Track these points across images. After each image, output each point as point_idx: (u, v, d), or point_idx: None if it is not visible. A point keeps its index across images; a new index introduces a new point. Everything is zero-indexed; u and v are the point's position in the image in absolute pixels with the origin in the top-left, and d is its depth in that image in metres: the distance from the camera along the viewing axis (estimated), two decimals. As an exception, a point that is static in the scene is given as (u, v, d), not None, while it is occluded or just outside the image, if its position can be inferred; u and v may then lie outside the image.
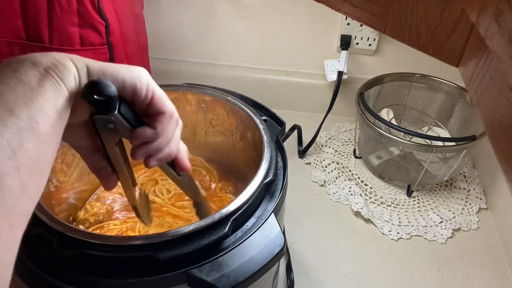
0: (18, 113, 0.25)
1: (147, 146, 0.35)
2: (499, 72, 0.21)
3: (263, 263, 0.40)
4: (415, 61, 0.87)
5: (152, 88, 0.34)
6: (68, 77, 0.29)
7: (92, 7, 0.62)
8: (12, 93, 0.26)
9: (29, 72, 0.27)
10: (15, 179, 0.24)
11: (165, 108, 0.34)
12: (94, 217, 0.56)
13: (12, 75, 0.27)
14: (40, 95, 0.27)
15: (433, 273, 0.66)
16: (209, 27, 0.93)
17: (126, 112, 0.33)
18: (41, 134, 0.26)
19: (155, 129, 0.34)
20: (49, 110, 0.27)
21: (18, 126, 0.25)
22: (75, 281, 0.40)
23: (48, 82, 0.28)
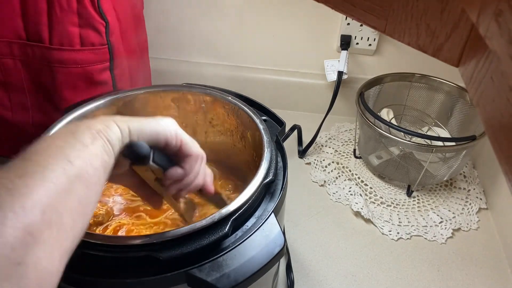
0: (75, 163, 0.31)
1: (178, 183, 0.43)
2: (499, 72, 0.21)
3: (263, 263, 0.40)
4: (415, 61, 0.87)
5: (180, 137, 0.41)
6: (113, 138, 0.36)
7: (92, 7, 0.62)
8: (71, 148, 0.32)
9: (85, 133, 0.34)
10: (68, 218, 0.29)
11: (192, 151, 0.42)
12: (94, 218, 0.56)
13: (71, 135, 0.33)
14: (92, 151, 0.33)
15: (433, 273, 0.66)
16: (209, 27, 0.93)
17: (159, 159, 0.40)
18: (89, 182, 0.32)
19: (184, 169, 0.42)
20: (98, 164, 0.33)
21: (74, 173, 0.30)
22: (75, 281, 0.40)
23: (99, 142, 0.34)
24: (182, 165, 0.42)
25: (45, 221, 0.27)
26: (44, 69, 0.66)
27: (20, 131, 0.71)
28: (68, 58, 0.64)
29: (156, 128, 0.39)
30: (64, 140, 0.32)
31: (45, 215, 0.27)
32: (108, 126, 0.36)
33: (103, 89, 0.68)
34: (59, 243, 0.28)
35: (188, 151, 0.41)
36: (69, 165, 0.30)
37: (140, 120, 0.39)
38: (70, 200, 0.29)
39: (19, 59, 0.65)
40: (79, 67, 0.65)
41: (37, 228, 0.26)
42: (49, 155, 0.30)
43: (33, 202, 0.27)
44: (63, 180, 0.29)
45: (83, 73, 0.66)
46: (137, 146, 0.38)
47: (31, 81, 0.68)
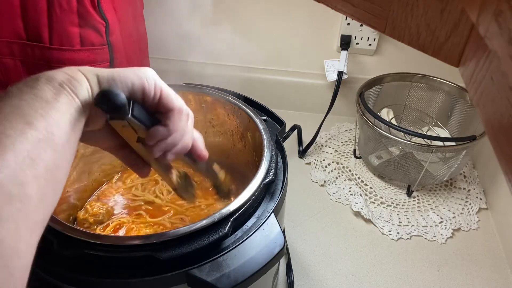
0: (36, 125, 0.27)
1: (162, 143, 0.37)
2: (499, 72, 0.21)
3: (263, 263, 0.40)
4: (415, 61, 0.87)
5: (159, 87, 0.35)
6: (80, 89, 0.31)
7: (92, 7, 0.62)
8: (29, 107, 0.27)
9: (45, 87, 0.29)
10: (34, 188, 0.26)
11: (174, 105, 0.36)
12: (94, 217, 0.56)
13: (29, 91, 0.29)
14: (55, 108, 0.29)
15: (433, 273, 0.66)
16: (209, 27, 0.92)
17: (139, 114, 0.35)
18: (56, 145, 0.28)
19: (167, 126, 0.36)
20: (64, 122, 0.29)
21: (37, 137, 0.27)
22: (75, 281, 0.40)
23: (63, 95, 0.30)
24: (165, 121, 0.36)
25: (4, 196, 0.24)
26: (44, 69, 0.65)
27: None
28: (68, 58, 0.64)
29: (131, 77, 0.33)
30: (21, 97, 0.28)
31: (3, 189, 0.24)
32: (73, 76, 0.31)
33: (103, 89, 0.68)
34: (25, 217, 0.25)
35: (169, 104, 0.36)
36: (29, 128, 0.26)
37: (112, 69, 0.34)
38: (34, 168, 0.26)
39: (19, 59, 0.65)
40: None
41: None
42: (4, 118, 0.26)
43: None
44: (23, 146, 0.26)
45: (83, 73, 0.66)
46: (112, 94, 0.32)
47: (31, 81, 0.68)
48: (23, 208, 0.25)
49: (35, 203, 0.26)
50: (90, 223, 0.56)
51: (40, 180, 0.26)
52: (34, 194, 0.26)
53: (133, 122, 0.34)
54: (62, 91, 0.30)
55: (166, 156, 0.38)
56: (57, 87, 0.30)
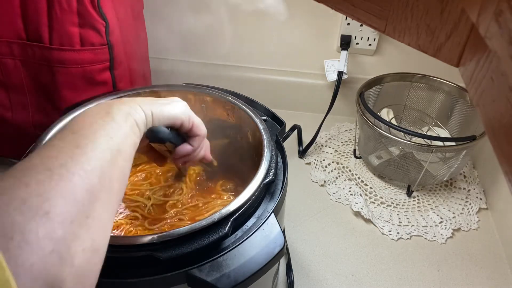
0: (115, 139, 0.36)
1: (186, 157, 0.50)
2: (499, 72, 0.21)
3: (263, 263, 0.40)
4: (415, 61, 0.87)
5: (192, 120, 0.47)
6: (140, 121, 0.40)
7: (92, 7, 0.62)
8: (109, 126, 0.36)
9: (118, 114, 0.38)
10: (116, 185, 0.34)
11: (201, 132, 0.49)
12: None
13: (107, 115, 0.38)
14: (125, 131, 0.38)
15: (433, 273, 0.66)
16: (209, 27, 0.92)
17: (174, 138, 0.47)
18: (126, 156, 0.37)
19: (193, 146, 0.49)
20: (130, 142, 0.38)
21: (116, 148, 0.35)
22: (75, 281, 0.40)
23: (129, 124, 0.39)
24: (191, 142, 0.49)
25: (101, 184, 0.32)
26: (44, 69, 0.66)
27: (20, 131, 0.71)
28: (68, 58, 0.64)
29: (174, 113, 0.45)
30: (102, 118, 0.37)
31: (101, 179, 0.32)
32: (135, 109, 0.40)
33: (103, 89, 0.68)
34: (111, 204, 0.33)
35: (198, 131, 0.48)
36: (111, 141, 0.35)
37: (159, 105, 0.44)
38: (115, 169, 0.34)
39: (19, 59, 0.65)
40: (79, 67, 0.65)
41: (97, 189, 0.31)
42: (94, 131, 0.35)
43: (91, 167, 0.32)
44: (108, 152, 0.34)
45: (83, 73, 0.66)
46: (160, 132, 0.44)
47: (31, 81, 0.68)
48: (110, 197, 0.33)
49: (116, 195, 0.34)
50: None
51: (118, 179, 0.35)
52: (116, 189, 0.34)
53: (168, 144, 0.47)
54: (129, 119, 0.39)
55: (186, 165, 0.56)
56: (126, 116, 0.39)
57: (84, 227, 0.30)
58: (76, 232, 0.29)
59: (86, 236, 0.29)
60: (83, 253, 0.29)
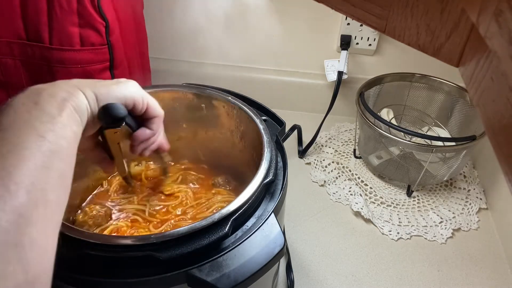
0: (48, 138, 0.30)
1: (145, 143, 0.44)
2: (499, 72, 0.21)
3: (263, 263, 0.40)
4: (415, 61, 0.87)
5: (146, 99, 0.42)
6: (81, 107, 0.35)
7: (92, 7, 0.62)
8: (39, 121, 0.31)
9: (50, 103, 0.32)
10: (53, 194, 0.29)
11: (157, 113, 0.44)
12: (93, 220, 0.56)
13: (34, 106, 0.32)
14: (61, 122, 0.32)
15: (433, 273, 0.66)
16: (209, 27, 0.93)
17: (130, 121, 0.41)
18: (65, 155, 0.31)
19: (151, 130, 0.44)
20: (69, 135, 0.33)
21: (49, 149, 0.30)
22: (75, 281, 0.40)
23: (66, 111, 0.33)
24: (149, 125, 0.44)
25: (31, 200, 0.27)
26: (44, 69, 0.66)
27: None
28: (68, 58, 0.64)
29: (124, 92, 0.39)
30: (29, 111, 0.31)
31: (30, 195, 0.27)
32: (73, 94, 0.34)
33: (103, 89, 0.68)
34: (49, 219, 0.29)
35: (154, 112, 0.43)
36: (42, 140, 0.29)
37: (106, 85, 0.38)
38: (50, 176, 0.29)
39: (19, 59, 0.65)
40: (79, 67, 0.65)
41: (26, 208, 0.26)
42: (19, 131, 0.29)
43: (16, 184, 0.26)
44: (40, 156, 0.29)
45: (83, 73, 0.66)
46: (116, 108, 0.38)
47: (31, 81, 0.68)
48: (46, 212, 0.28)
49: (54, 206, 0.29)
50: (89, 225, 0.56)
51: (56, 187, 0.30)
52: (53, 199, 0.29)
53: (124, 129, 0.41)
54: (65, 107, 0.33)
55: (144, 153, 0.46)
56: (60, 103, 0.33)
57: (12, 260, 0.25)
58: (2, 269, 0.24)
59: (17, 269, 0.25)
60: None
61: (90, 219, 0.56)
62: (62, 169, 0.31)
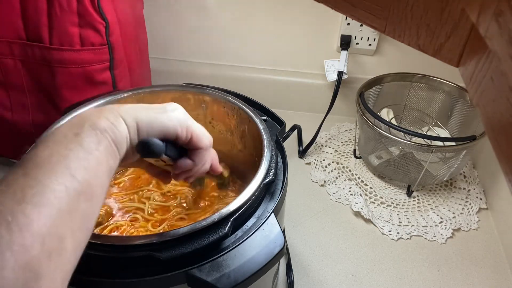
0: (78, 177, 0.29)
1: (187, 172, 0.43)
2: (499, 72, 0.21)
3: (263, 263, 0.40)
4: (415, 61, 0.87)
5: (191, 130, 0.39)
6: (120, 139, 0.34)
7: (92, 7, 0.62)
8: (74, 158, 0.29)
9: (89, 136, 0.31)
10: (71, 242, 0.28)
11: (202, 145, 0.41)
12: None
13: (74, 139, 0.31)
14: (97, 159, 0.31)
15: (433, 273, 0.66)
16: (209, 27, 0.93)
17: (171, 151, 0.39)
18: (93, 195, 0.30)
19: (194, 161, 0.42)
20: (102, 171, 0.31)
21: (77, 190, 0.28)
22: (75, 281, 0.40)
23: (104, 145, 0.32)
24: (192, 157, 0.41)
25: (45, 251, 0.25)
26: (44, 69, 0.66)
27: (20, 131, 0.71)
28: (68, 58, 0.64)
29: (167, 123, 0.37)
30: (67, 146, 0.30)
31: (45, 246, 0.25)
32: (115, 124, 0.33)
33: (103, 89, 0.68)
34: (61, 268, 0.27)
35: (199, 144, 0.40)
36: (71, 181, 0.28)
37: (148, 113, 0.36)
38: (72, 221, 0.28)
39: (19, 59, 0.65)
40: (79, 67, 0.65)
41: (37, 261, 0.25)
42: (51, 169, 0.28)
43: (32, 235, 0.25)
44: (66, 200, 0.27)
45: (83, 73, 0.66)
46: (151, 145, 0.36)
47: (31, 81, 0.68)
48: (60, 261, 0.27)
49: (70, 254, 0.28)
50: None
51: (76, 232, 0.28)
52: (70, 247, 0.27)
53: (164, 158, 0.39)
54: (103, 140, 0.32)
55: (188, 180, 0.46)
56: (99, 136, 0.32)
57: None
58: None
59: None
60: None
61: None
62: (87, 211, 0.29)
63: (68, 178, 0.28)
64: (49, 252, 0.26)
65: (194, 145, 0.40)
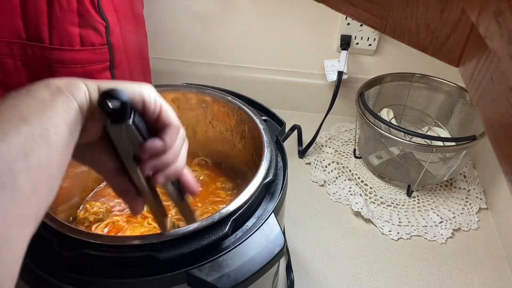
0: (31, 121, 0.28)
1: (156, 159, 0.36)
2: (499, 72, 0.21)
3: (263, 263, 0.40)
4: (415, 61, 0.87)
5: (159, 102, 0.36)
6: (78, 92, 0.32)
7: (92, 7, 0.62)
8: (26, 105, 0.29)
9: (43, 90, 0.30)
10: (27, 180, 0.26)
11: (172, 121, 0.37)
12: (94, 216, 0.56)
13: (26, 93, 0.30)
14: (52, 108, 0.29)
15: (433, 273, 0.66)
16: (209, 27, 0.93)
17: (139, 123, 0.35)
18: (51, 141, 0.28)
19: (164, 141, 0.36)
20: (60, 121, 0.29)
21: (31, 132, 0.27)
22: (75, 281, 0.40)
23: (60, 97, 0.30)
24: (162, 137, 0.36)
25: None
26: (44, 69, 0.66)
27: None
28: (68, 58, 0.64)
29: (132, 88, 0.34)
30: (18, 98, 0.29)
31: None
32: (72, 83, 0.32)
33: (103, 89, 0.68)
34: (16, 206, 0.25)
35: (168, 120, 0.36)
36: (24, 123, 0.27)
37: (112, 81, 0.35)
38: (27, 160, 0.26)
39: (19, 59, 0.65)
40: (79, 67, 0.65)
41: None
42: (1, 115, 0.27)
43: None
44: (18, 139, 0.26)
45: (83, 73, 0.66)
46: (116, 91, 0.32)
47: (31, 81, 0.67)
48: (13, 196, 0.25)
49: (27, 194, 0.26)
50: (90, 221, 0.56)
51: (33, 173, 0.27)
52: (26, 186, 0.26)
53: (132, 131, 0.34)
54: (59, 93, 0.31)
55: (157, 176, 0.37)
56: (55, 90, 0.31)
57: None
58: None
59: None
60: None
61: (91, 215, 0.56)
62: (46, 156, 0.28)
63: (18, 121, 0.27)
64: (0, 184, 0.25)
65: (163, 121, 0.36)
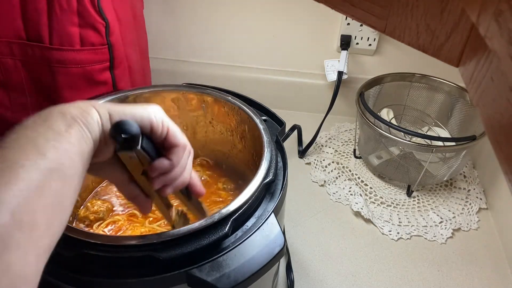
0: (48, 156, 0.29)
1: (164, 176, 0.39)
2: (499, 72, 0.21)
3: (263, 263, 0.40)
4: (415, 61, 0.87)
5: (167, 124, 0.38)
6: (92, 122, 0.33)
7: (92, 7, 0.62)
8: (43, 138, 0.29)
9: (58, 121, 0.31)
10: (43, 216, 0.27)
11: (179, 141, 0.39)
12: (94, 215, 0.56)
13: (43, 123, 0.31)
14: (67, 140, 0.31)
15: (433, 273, 0.66)
16: (209, 27, 0.93)
17: (147, 146, 0.37)
18: (66, 175, 0.30)
19: (171, 160, 0.39)
20: (74, 153, 0.31)
21: (48, 167, 0.28)
22: (75, 281, 0.40)
23: (75, 128, 0.32)
24: (169, 156, 0.39)
25: (15, 223, 0.25)
26: (44, 69, 0.66)
27: (20, 131, 0.71)
28: (68, 58, 0.64)
29: (141, 112, 0.36)
30: (35, 129, 0.30)
31: (15, 217, 0.25)
32: (85, 111, 0.33)
33: (103, 89, 0.68)
34: (34, 244, 0.27)
35: (175, 140, 0.39)
36: (41, 158, 0.28)
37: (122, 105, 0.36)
38: (44, 196, 0.28)
39: (19, 59, 0.65)
40: (79, 67, 0.65)
41: (6, 231, 0.25)
42: (19, 148, 0.28)
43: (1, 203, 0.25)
44: (36, 175, 0.27)
45: (83, 73, 0.66)
46: (127, 124, 0.35)
47: (31, 81, 0.67)
48: (32, 235, 0.26)
49: (43, 230, 0.27)
50: (90, 220, 0.56)
51: (49, 208, 0.28)
52: (42, 222, 0.27)
53: (141, 154, 0.37)
54: (74, 124, 0.32)
55: (166, 189, 0.40)
56: (70, 120, 0.32)
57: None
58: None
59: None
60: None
61: (92, 214, 0.56)
62: (60, 189, 0.29)
63: (37, 155, 0.28)
64: (20, 224, 0.26)
65: (170, 142, 0.39)
